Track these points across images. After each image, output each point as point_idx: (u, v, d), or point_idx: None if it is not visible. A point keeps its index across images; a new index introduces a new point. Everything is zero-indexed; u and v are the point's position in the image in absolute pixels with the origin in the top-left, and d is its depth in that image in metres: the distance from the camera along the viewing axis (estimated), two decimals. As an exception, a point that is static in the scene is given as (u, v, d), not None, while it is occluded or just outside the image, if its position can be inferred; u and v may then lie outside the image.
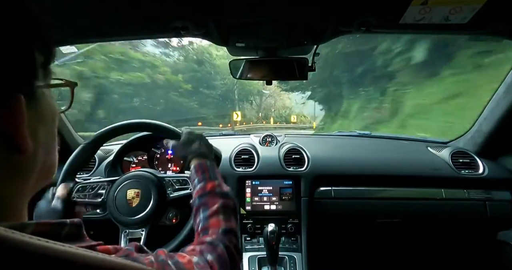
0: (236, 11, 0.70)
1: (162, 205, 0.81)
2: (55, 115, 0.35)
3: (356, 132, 1.62)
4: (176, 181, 0.85)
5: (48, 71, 0.34)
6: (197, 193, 0.65)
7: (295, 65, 0.94)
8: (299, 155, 1.27)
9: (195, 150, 0.75)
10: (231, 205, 0.63)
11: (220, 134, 1.62)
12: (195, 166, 0.71)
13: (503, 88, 1.10)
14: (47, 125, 0.33)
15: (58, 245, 0.23)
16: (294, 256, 1.11)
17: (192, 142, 0.77)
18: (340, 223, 1.30)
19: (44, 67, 0.32)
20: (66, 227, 0.30)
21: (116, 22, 0.73)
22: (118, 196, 0.80)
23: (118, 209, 0.79)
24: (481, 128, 1.24)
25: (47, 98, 0.33)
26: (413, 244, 1.44)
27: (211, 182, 0.67)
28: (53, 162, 0.36)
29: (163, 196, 0.82)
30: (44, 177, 0.34)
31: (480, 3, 0.64)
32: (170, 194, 0.83)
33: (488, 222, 1.20)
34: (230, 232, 0.56)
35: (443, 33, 0.89)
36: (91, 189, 0.83)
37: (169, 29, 0.75)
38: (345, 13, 0.71)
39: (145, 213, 0.78)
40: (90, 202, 0.83)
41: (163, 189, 0.83)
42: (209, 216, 0.59)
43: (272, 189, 1.21)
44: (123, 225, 0.79)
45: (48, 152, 0.34)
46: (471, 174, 1.21)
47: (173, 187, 0.84)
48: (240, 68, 0.97)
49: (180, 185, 0.84)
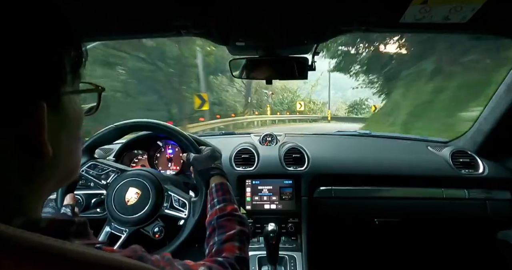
0: (236, 10, 0.70)
1: (154, 214, 0.82)
2: (80, 120, 0.35)
3: (357, 132, 1.63)
4: (177, 199, 0.85)
5: (78, 75, 0.33)
6: (215, 213, 0.65)
7: (295, 64, 0.94)
8: (299, 154, 1.27)
9: (219, 167, 0.76)
10: (246, 232, 0.62)
11: (221, 133, 1.62)
12: (217, 184, 0.71)
13: (504, 88, 1.10)
14: (70, 130, 0.33)
15: (67, 244, 0.24)
16: (294, 255, 1.11)
17: (215, 158, 0.78)
18: (340, 222, 1.30)
19: (74, 72, 0.32)
20: (74, 225, 0.31)
21: (116, 21, 0.73)
22: (117, 191, 0.82)
23: (115, 204, 0.81)
24: (481, 128, 1.24)
25: (73, 104, 0.33)
26: (414, 244, 1.44)
27: (231, 205, 0.67)
28: (75, 164, 0.36)
29: (158, 206, 0.83)
30: (66, 178, 0.35)
31: (480, 3, 0.64)
32: (165, 209, 0.84)
33: (488, 222, 1.20)
34: (243, 261, 0.55)
35: (444, 33, 0.89)
36: (101, 169, 0.86)
37: (169, 29, 0.75)
38: (345, 12, 0.71)
39: (136, 216, 0.80)
40: (95, 180, 0.86)
41: (162, 199, 0.84)
42: (224, 240, 0.58)
43: (272, 188, 1.21)
44: (113, 219, 0.81)
45: (70, 155, 0.34)
46: (471, 174, 1.20)
47: (171, 203, 0.84)
48: (240, 67, 0.98)
49: (178, 205, 0.85)
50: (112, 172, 0.86)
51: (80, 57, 0.33)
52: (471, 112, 4.60)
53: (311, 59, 0.94)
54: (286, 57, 0.93)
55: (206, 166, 0.76)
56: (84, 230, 0.33)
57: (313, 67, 0.94)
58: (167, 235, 0.84)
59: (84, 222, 0.33)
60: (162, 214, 0.83)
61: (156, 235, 0.83)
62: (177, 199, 0.85)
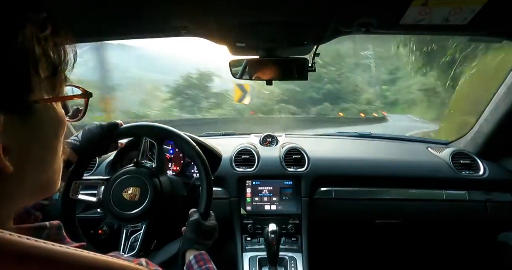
0: (236, 11, 0.70)
1: (159, 198, 0.81)
2: (59, 128, 0.32)
3: (357, 133, 1.62)
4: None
5: (60, 79, 0.30)
6: None
7: (295, 65, 0.94)
8: (299, 155, 1.27)
9: (204, 245, 0.74)
10: None
11: (221, 134, 1.62)
12: (196, 256, 0.69)
13: (504, 89, 1.10)
14: (44, 140, 0.30)
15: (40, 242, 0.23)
16: (294, 256, 1.11)
17: (209, 236, 0.77)
18: (341, 223, 1.30)
19: (53, 76, 0.29)
20: (45, 230, 0.30)
21: (117, 21, 0.74)
22: (114, 193, 0.81)
23: (116, 205, 0.80)
24: (481, 129, 1.23)
25: (51, 111, 0.30)
26: (414, 245, 1.44)
27: None
28: (51, 177, 0.33)
29: (160, 190, 0.82)
30: (39, 193, 0.32)
31: (480, 4, 0.65)
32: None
33: (488, 223, 1.20)
34: None
35: (443, 34, 0.89)
36: (88, 187, 0.84)
37: (169, 29, 0.76)
38: (345, 13, 0.71)
39: (143, 206, 0.78)
40: (86, 200, 0.83)
41: (158, 180, 0.83)
42: None
43: (273, 189, 1.21)
44: (123, 220, 0.80)
45: (43, 168, 0.31)
46: (471, 175, 1.20)
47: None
48: (240, 68, 0.98)
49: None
50: (101, 185, 0.84)
51: (61, 60, 0.30)
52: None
53: (311, 60, 0.94)
54: (286, 58, 0.93)
55: (195, 237, 0.74)
56: (57, 234, 0.31)
57: (313, 68, 0.94)
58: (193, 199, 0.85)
59: (58, 226, 0.31)
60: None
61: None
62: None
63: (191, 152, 0.85)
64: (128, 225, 0.80)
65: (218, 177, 1.20)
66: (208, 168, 0.84)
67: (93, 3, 0.62)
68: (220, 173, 1.21)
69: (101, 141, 0.81)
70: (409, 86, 13.70)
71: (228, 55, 0.98)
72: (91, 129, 0.80)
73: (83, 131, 0.81)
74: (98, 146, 0.82)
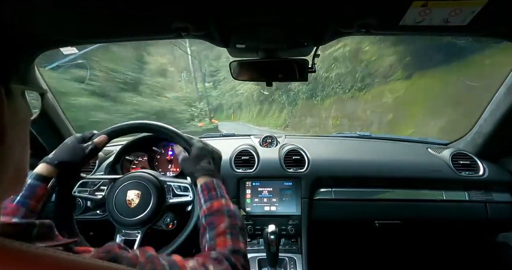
0: (236, 13, 0.70)
1: (160, 208, 0.81)
2: (29, 118, 0.35)
3: (357, 134, 1.62)
4: (178, 186, 0.85)
5: (22, 75, 0.33)
6: (204, 212, 0.64)
7: (295, 66, 0.94)
8: (299, 156, 1.27)
9: (203, 168, 0.73)
10: (238, 224, 0.61)
11: (220, 135, 1.62)
12: (202, 185, 0.70)
13: (503, 89, 1.10)
14: (21, 125, 0.33)
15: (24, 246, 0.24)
16: (294, 257, 1.11)
17: (202, 158, 0.75)
18: (340, 224, 1.30)
19: (17, 70, 0.32)
20: (35, 227, 0.30)
21: (116, 23, 0.73)
22: (118, 196, 0.81)
23: (117, 209, 0.80)
24: (481, 129, 1.23)
25: (21, 100, 0.33)
26: (414, 246, 1.44)
27: (217, 201, 0.65)
28: (25, 165, 0.34)
29: (162, 200, 0.82)
30: (16, 180, 0.33)
31: (480, 5, 0.64)
32: (169, 199, 0.83)
33: (488, 224, 1.20)
34: (238, 253, 0.54)
35: (443, 35, 0.89)
36: (92, 185, 0.84)
37: (169, 31, 0.75)
38: (345, 14, 0.71)
39: (143, 215, 0.79)
40: (90, 198, 0.84)
41: (163, 193, 0.83)
42: (215, 236, 0.58)
43: (272, 190, 1.21)
44: (120, 225, 0.80)
45: (22, 150, 0.33)
46: (471, 176, 1.20)
47: (173, 192, 0.84)
48: (240, 70, 0.97)
49: (181, 191, 0.84)
50: (104, 185, 0.84)
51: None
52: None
53: (311, 61, 0.94)
54: (286, 59, 0.93)
55: (192, 167, 0.75)
56: (48, 232, 0.32)
57: (313, 69, 0.94)
58: (180, 224, 0.83)
59: (48, 224, 0.33)
60: (168, 205, 0.83)
61: (169, 225, 0.82)
62: (177, 186, 0.84)
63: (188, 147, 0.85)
64: (123, 230, 0.80)
65: None
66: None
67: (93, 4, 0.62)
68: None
69: (77, 145, 0.77)
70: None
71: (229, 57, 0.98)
72: (65, 141, 0.78)
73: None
74: (74, 152, 0.77)
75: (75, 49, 1.21)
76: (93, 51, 6.90)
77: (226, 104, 15.25)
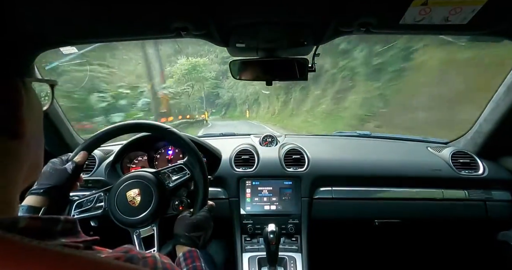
0: (236, 12, 0.70)
1: (164, 196, 0.81)
2: (42, 110, 0.36)
3: (356, 133, 1.63)
4: (172, 170, 0.86)
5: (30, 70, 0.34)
6: None
7: (295, 65, 0.94)
8: (299, 155, 1.27)
9: (192, 238, 0.74)
10: None
11: (221, 134, 1.62)
12: (185, 253, 0.69)
13: (503, 89, 1.10)
14: (36, 118, 0.34)
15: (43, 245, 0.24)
16: (294, 256, 1.11)
17: (198, 228, 0.76)
18: (340, 223, 1.30)
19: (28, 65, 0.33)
20: (60, 223, 0.31)
21: (116, 23, 0.73)
22: (118, 201, 0.80)
23: (123, 212, 0.79)
24: (481, 129, 1.24)
25: (35, 94, 0.34)
26: (413, 245, 1.44)
27: None
28: (41, 158, 0.36)
29: (163, 188, 0.82)
30: (33, 171, 0.34)
31: (480, 4, 0.64)
32: (169, 184, 0.84)
33: (488, 223, 1.20)
34: None
35: (443, 34, 0.89)
36: (89, 202, 0.83)
37: (169, 30, 0.75)
38: (345, 13, 0.71)
39: (150, 209, 0.79)
40: (93, 215, 0.82)
41: (162, 182, 0.83)
42: None
43: (272, 189, 1.21)
44: (132, 226, 0.79)
45: (38, 145, 0.34)
46: (471, 174, 1.21)
47: (170, 177, 0.85)
48: (240, 69, 0.98)
49: (177, 173, 0.86)
50: (100, 197, 0.83)
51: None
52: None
53: (311, 60, 0.94)
54: (286, 58, 0.93)
55: (181, 231, 0.75)
56: (72, 227, 0.33)
57: (313, 68, 0.94)
58: (189, 199, 0.86)
59: (72, 220, 0.33)
60: (171, 190, 0.84)
61: (180, 207, 0.84)
62: (171, 170, 0.86)
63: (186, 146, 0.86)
64: (137, 229, 0.80)
65: (217, 177, 1.20)
66: (203, 163, 0.86)
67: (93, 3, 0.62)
68: (220, 173, 1.21)
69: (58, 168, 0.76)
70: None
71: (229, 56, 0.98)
72: (44, 169, 0.75)
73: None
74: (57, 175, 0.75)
75: (75, 49, 1.21)
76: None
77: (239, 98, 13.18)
